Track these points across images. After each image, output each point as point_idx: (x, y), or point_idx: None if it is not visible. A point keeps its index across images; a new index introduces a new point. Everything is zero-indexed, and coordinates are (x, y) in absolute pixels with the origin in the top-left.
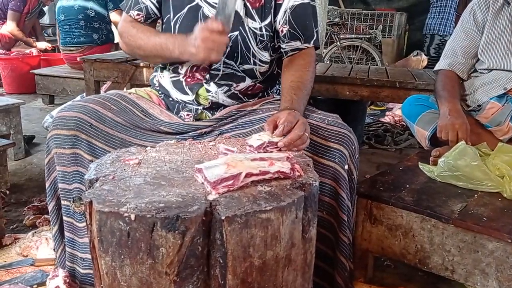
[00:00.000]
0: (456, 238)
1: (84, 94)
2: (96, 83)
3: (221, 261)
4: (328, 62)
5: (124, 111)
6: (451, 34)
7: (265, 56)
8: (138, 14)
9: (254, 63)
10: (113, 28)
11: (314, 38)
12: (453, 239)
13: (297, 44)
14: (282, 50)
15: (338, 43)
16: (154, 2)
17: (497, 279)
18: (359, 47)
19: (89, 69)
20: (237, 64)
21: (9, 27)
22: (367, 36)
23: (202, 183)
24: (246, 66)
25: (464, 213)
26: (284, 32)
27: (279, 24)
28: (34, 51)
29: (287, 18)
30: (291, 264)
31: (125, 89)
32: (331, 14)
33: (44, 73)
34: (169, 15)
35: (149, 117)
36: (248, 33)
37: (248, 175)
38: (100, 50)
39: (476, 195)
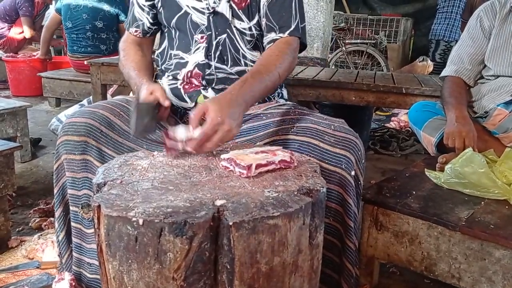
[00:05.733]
0: (463, 246)
1: (91, 97)
2: (102, 86)
3: (228, 267)
4: (333, 67)
5: None
6: (456, 40)
7: (256, 56)
8: (136, 31)
9: (246, 64)
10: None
11: (291, 29)
12: (460, 247)
13: (272, 35)
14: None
15: (343, 48)
16: (149, 19)
17: (504, 287)
18: (364, 52)
19: (96, 73)
20: (229, 66)
21: (28, 33)
22: (373, 41)
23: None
24: (238, 68)
25: (471, 220)
26: (263, 25)
27: (261, 19)
28: None
29: (265, 11)
30: (298, 270)
31: (131, 94)
32: (337, 19)
33: (50, 76)
34: (165, 28)
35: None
36: (236, 34)
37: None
38: None
39: (483, 203)
